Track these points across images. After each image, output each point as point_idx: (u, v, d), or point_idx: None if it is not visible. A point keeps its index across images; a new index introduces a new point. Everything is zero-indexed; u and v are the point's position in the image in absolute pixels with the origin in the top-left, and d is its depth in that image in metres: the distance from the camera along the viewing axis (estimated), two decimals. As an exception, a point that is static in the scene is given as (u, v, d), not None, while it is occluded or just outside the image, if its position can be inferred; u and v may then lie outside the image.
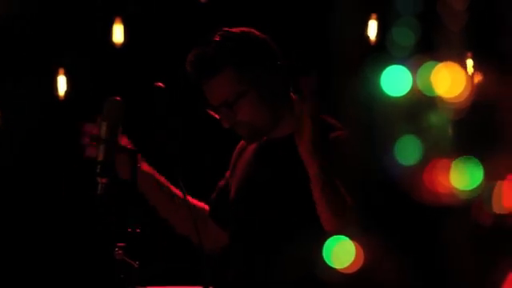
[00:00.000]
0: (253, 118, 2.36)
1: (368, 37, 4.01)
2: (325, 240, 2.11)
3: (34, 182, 4.32)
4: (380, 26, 4.01)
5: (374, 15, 4.04)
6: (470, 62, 3.56)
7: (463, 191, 2.42)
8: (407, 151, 2.41)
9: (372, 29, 4.05)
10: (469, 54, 3.55)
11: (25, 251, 4.31)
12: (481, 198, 2.53)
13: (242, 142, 2.57)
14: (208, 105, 2.39)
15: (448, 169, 2.42)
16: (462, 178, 2.40)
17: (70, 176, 4.21)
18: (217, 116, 2.39)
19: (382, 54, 3.05)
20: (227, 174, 2.58)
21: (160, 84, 2.36)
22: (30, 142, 4.30)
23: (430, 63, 2.70)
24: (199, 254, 2.25)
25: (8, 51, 4.21)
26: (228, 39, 2.35)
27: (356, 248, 2.12)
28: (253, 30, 2.39)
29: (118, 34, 4.20)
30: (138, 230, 2.13)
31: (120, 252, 2.09)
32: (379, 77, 2.69)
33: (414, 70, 2.69)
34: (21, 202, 4.32)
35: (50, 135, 4.30)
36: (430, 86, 2.66)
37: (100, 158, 2.27)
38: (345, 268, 2.11)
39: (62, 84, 4.29)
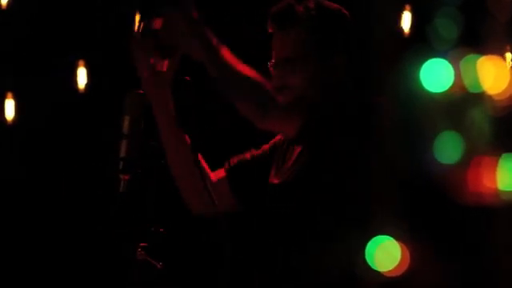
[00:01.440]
0: (301, 85, 2.39)
1: (402, 29, 4.01)
2: (367, 240, 2.09)
3: (51, 178, 4.36)
4: (414, 17, 4.00)
5: (407, 7, 4.03)
6: (509, 56, 3.52)
7: (509, 192, 2.39)
8: (448, 149, 2.40)
9: (406, 21, 4.04)
10: (508, 47, 3.51)
11: (45, 246, 4.36)
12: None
13: (278, 137, 2.57)
14: (270, 61, 2.44)
15: (492, 168, 2.39)
16: (508, 177, 2.37)
17: (90, 172, 4.24)
18: (272, 71, 2.42)
19: (419, 47, 3.04)
20: (256, 152, 2.59)
21: (187, 78, 2.38)
22: (48, 136, 4.34)
23: (472, 56, 2.67)
24: (223, 260, 2.26)
25: (26, 43, 4.26)
26: (319, 8, 2.44)
27: (401, 249, 2.10)
28: (344, 11, 2.47)
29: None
30: (161, 230, 2.14)
31: (142, 252, 2.10)
32: (418, 71, 2.68)
33: (455, 63, 2.67)
34: (39, 198, 4.37)
35: (69, 129, 4.33)
36: (473, 81, 2.63)
37: (122, 153, 2.28)
38: (389, 271, 2.09)
39: (82, 77, 4.32)
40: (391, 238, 2.07)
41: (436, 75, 2.71)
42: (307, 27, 2.40)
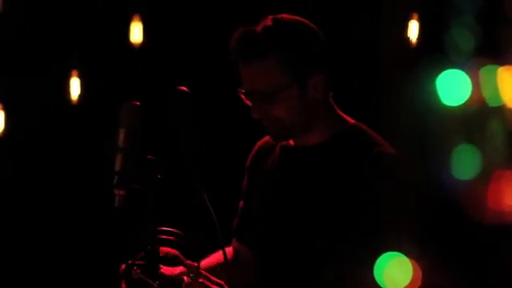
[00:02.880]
0: (287, 116, 2.35)
1: (408, 39, 4.02)
2: (374, 257, 2.08)
3: (40, 191, 4.36)
4: (421, 26, 4.01)
5: (415, 15, 4.05)
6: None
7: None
8: (465, 164, 2.39)
9: (413, 30, 4.05)
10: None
11: (33, 263, 4.36)
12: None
13: (257, 147, 2.56)
14: (240, 89, 2.39)
15: (512, 184, 2.38)
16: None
17: (83, 185, 4.25)
18: (248, 103, 2.39)
19: (433, 57, 3.04)
20: (244, 185, 2.57)
21: (184, 88, 2.37)
22: (38, 148, 4.35)
23: (490, 67, 2.67)
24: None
25: (18, 51, 4.27)
26: (280, 26, 2.35)
27: (413, 267, 2.08)
28: (308, 22, 2.40)
29: (137, 33, 4.24)
30: (158, 247, 2.13)
31: (138, 271, 2.09)
32: (434, 83, 2.67)
33: (472, 75, 2.66)
34: (28, 209, 4.37)
35: (60, 141, 4.34)
36: (492, 94, 2.62)
37: (117, 168, 2.27)
38: None
39: (75, 87, 4.32)
40: (402, 255, 2.05)
41: (453, 87, 2.70)
42: (276, 52, 2.31)
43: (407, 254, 2.07)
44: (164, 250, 2.21)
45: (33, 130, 4.32)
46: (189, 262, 2.25)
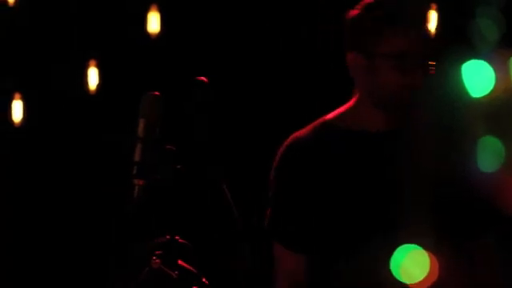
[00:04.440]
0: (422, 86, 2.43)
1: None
2: (393, 249, 2.10)
3: (58, 180, 4.41)
4: (440, 16, 4.02)
5: (433, 5, 4.05)
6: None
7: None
8: (489, 156, 2.40)
9: (432, 21, 4.06)
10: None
11: (54, 250, 4.42)
12: None
13: (291, 153, 2.54)
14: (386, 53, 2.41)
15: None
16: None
17: (100, 176, 4.29)
18: (400, 63, 2.40)
19: (456, 48, 3.05)
20: (289, 195, 2.54)
21: (203, 78, 2.40)
22: (56, 137, 4.39)
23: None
24: (243, 267, 2.29)
25: (36, 41, 4.32)
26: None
27: (430, 260, 2.09)
28: None
29: (154, 22, 4.26)
30: (177, 238, 2.16)
31: (157, 261, 2.12)
32: (457, 74, 2.68)
33: (496, 65, 2.67)
34: (45, 197, 4.42)
35: (78, 131, 4.38)
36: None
37: (137, 158, 2.30)
38: (416, 284, 2.10)
39: (93, 77, 4.36)
40: (419, 248, 2.07)
41: (477, 78, 2.71)
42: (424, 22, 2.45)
43: (425, 247, 2.08)
44: (182, 241, 2.24)
45: (51, 119, 4.36)
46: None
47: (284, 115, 4.10)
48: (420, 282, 2.12)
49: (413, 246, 2.08)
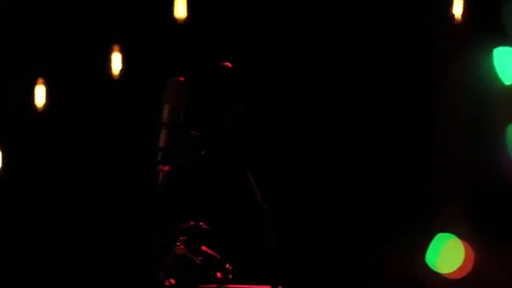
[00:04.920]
0: None
1: (453, 15, 4.00)
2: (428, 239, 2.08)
3: (82, 165, 4.44)
4: (470, 3, 3.99)
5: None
6: None
7: None
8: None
9: (457, 7, 4.02)
10: None
11: (78, 230, 4.45)
12: None
13: None
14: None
15: None
16: None
17: (125, 162, 4.31)
18: None
19: (484, 35, 3.02)
20: None
21: (227, 64, 2.40)
22: (79, 123, 4.41)
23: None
24: (268, 253, 2.30)
25: (60, 26, 4.33)
26: None
27: (466, 250, 2.06)
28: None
29: (181, 8, 4.25)
30: (201, 224, 2.18)
31: (182, 247, 2.14)
32: (488, 61, 2.66)
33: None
34: (69, 180, 4.45)
35: (102, 116, 4.40)
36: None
37: (161, 143, 2.31)
38: (451, 273, 2.07)
39: (116, 62, 4.36)
40: (455, 237, 2.05)
41: (508, 65, 2.69)
42: None
43: (460, 236, 2.07)
44: (206, 227, 2.26)
45: (74, 105, 4.38)
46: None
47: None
48: (455, 272, 2.09)
49: (448, 234, 2.06)
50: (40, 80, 4.40)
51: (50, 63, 4.36)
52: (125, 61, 4.36)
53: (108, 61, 4.36)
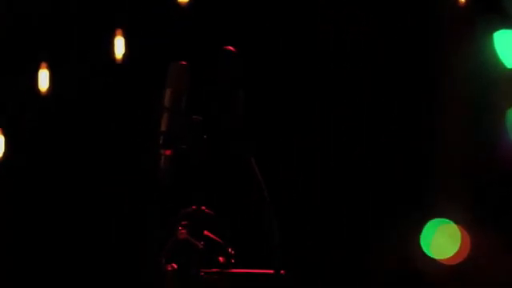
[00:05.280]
0: None
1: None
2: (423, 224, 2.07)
3: (83, 149, 4.45)
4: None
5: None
6: None
7: None
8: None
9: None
10: None
11: (74, 215, 4.46)
12: None
13: None
14: None
15: None
16: None
17: (126, 146, 4.32)
18: None
19: (487, 17, 3.01)
20: None
21: (231, 48, 2.40)
22: (85, 106, 4.42)
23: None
24: (269, 238, 2.30)
25: (62, 11, 4.33)
26: None
27: (462, 235, 2.05)
28: None
29: (183, -8, 4.24)
30: (204, 208, 2.18)
31: (183, 231, 2.14)
32: (490, 43, 2.65)
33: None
34: (74, 164, 4.46)
35: (106, 100, 4.40)
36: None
37: (163, 127, 2.31)
38: (447, 259, 2.05)
39: (119, 46, 4.36)
40: (451, 222, 2.03)
41: (510, 48, 2.67)
42: None
43: (456, 221, 2.05)
44: (208, 211, 2.26)
45: (78, 89, 4.39)
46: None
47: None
48: (451, 257, 2.08)
49: (444, 220, 2.04)
50: (43, 64, 4.40)
51: (53, 48, 4.36)
52: (127, 45, 4.36)
53: (111, 45, 4.36)
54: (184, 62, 2.35)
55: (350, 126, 4.05)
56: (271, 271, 2.25)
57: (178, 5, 4.27)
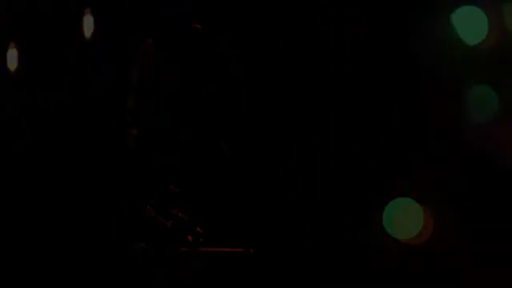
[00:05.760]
0: None
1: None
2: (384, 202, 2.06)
3: (52, 127, 4.44)
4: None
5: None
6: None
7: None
8: (482, 106, 2.36)
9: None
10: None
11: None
12: None
13: None
14: None
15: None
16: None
17: (94, 124, 4.31)
18: None
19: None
20: None
21: (197, 26, 2.40)
22: (52, 84, 4.40)
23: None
24: (243, 214, 2.32)
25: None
26: None
27: (425, 214, 2.02)
28: None
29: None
30: (172, 187, 2.19)
31: (151, 210, 2.15)
32: (450, 21, 2.66)
33: (489, 12, 2.63)
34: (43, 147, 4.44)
35: (73, 79, 4.38)
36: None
37: (130, 106, 2.32)
38: (409, 238, 2.04)
39: (88, 24, 4.34)
40: (413, 201, 2.03)
41: (469, 25, 2.69)
42: None
43: (419, 201, 2.04)
44: (175, 189, 2.27)
45: (46, 66, 4.36)
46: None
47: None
48: (414, 237, 2.06)
49: (407, 199, 2.02)
50: (11, 44, 4.37)
51: (22, 27, 4.33)
52: (96, 23, 4.34)
53: (80, 24, 4.34)
54: (150, 40, 2.35)
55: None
56: (240, 249, 2.28)
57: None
